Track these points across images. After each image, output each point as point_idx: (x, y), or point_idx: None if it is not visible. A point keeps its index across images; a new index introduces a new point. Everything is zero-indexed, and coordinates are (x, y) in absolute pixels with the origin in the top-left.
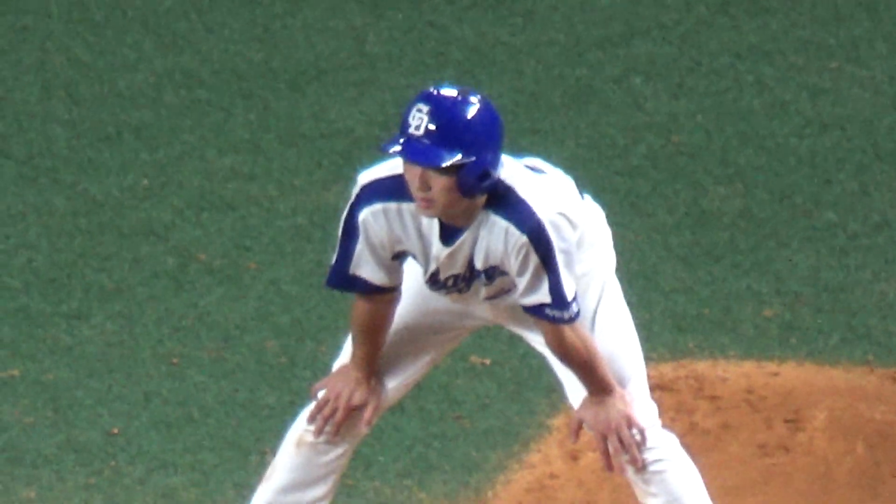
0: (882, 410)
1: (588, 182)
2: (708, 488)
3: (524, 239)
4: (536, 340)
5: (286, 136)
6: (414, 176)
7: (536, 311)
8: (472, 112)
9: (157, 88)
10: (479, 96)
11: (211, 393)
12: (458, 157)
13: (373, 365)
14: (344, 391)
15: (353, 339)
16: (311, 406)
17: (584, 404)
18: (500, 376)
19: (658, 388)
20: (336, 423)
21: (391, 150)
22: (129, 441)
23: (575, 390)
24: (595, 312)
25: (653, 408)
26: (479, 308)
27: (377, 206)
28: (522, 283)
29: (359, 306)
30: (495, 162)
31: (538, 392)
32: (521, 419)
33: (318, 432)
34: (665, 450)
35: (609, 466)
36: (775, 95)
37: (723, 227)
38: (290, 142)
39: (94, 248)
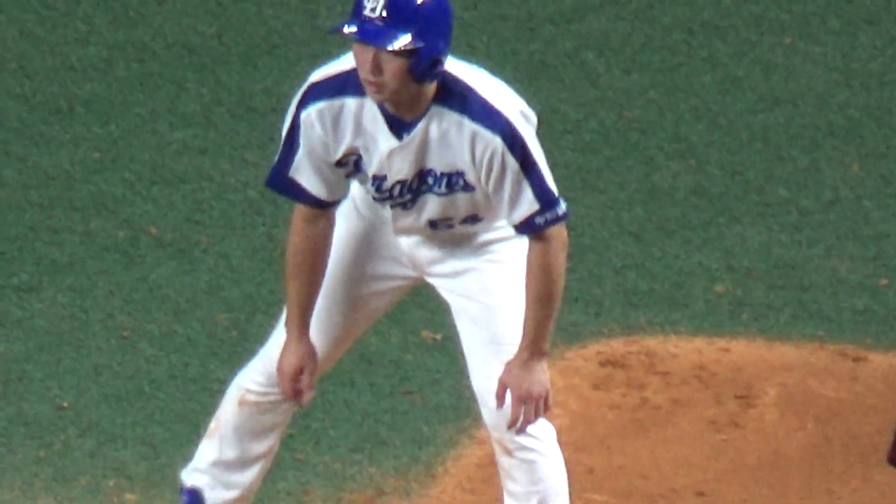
0: (833, 387)
1: None
2: (659, 463)
3: (497, 140)
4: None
5: (238, 110)
6: (366, 59)
7: (528, 226)
8: None
9: (109, 62)
10: None
11: (161, 367)
12: (411, 39)
13: (306, 313)
14: (283, 368)
15: (288, 276)
16: (254, 367)
17: (508, 369)
18: (451, 351)
19: (609, 363)
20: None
21: (345, 31)
22: (79, 414)
23: (478, 369)
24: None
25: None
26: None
27: (320, 105)
28: (504, 197)
29: (295, 229)
30: (446, 50)
31: None
32: (471, 394)
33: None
34: (543, 442)
35: (513, 423)
36: (728, 71)
37: (674, 202)
38: (241, 116)
39: (44, 222)
